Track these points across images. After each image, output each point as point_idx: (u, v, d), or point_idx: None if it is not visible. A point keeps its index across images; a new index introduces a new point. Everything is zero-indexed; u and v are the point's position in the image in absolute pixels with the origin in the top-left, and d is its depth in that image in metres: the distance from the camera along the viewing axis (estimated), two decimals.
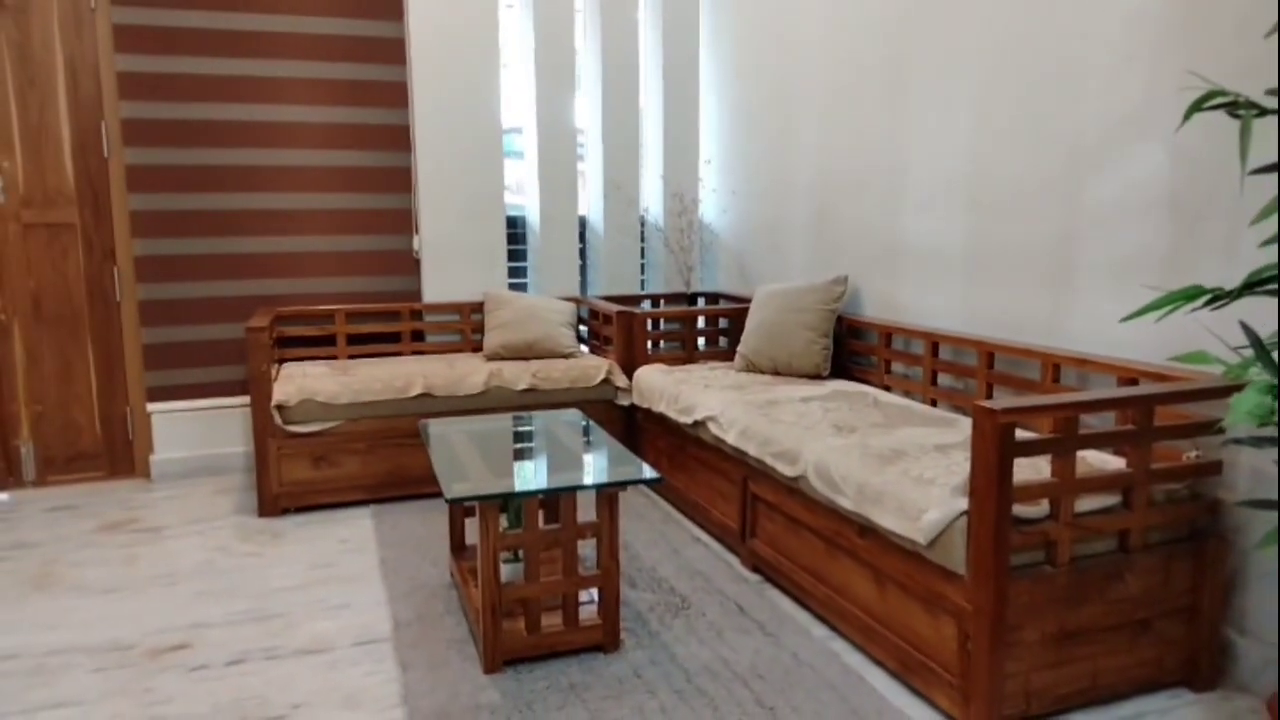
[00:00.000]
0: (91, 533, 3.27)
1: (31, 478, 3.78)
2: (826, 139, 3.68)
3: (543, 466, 2.44)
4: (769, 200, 4.10)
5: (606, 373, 3.72)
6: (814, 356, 3.37)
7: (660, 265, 4.57)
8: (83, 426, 3.83)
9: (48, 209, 3.67)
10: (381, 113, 4.03)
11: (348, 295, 4.10)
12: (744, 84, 4.26)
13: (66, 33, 3.62)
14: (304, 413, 3.40)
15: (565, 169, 4.34)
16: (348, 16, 3.92)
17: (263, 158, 3.89)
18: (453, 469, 2.33)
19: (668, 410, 3.31)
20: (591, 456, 2.52)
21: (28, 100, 3.60)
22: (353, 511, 3.47)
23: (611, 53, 4.33)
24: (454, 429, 2.79)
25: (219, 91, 3.80)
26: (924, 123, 3.12)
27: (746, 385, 3.27)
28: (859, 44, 3.42)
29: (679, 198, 4.45)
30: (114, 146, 3.72)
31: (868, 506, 2.16)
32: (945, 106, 3.01)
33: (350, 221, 4.06)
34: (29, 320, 3.70)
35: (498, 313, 3.98)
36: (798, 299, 3.45)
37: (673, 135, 4.49)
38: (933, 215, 3.09)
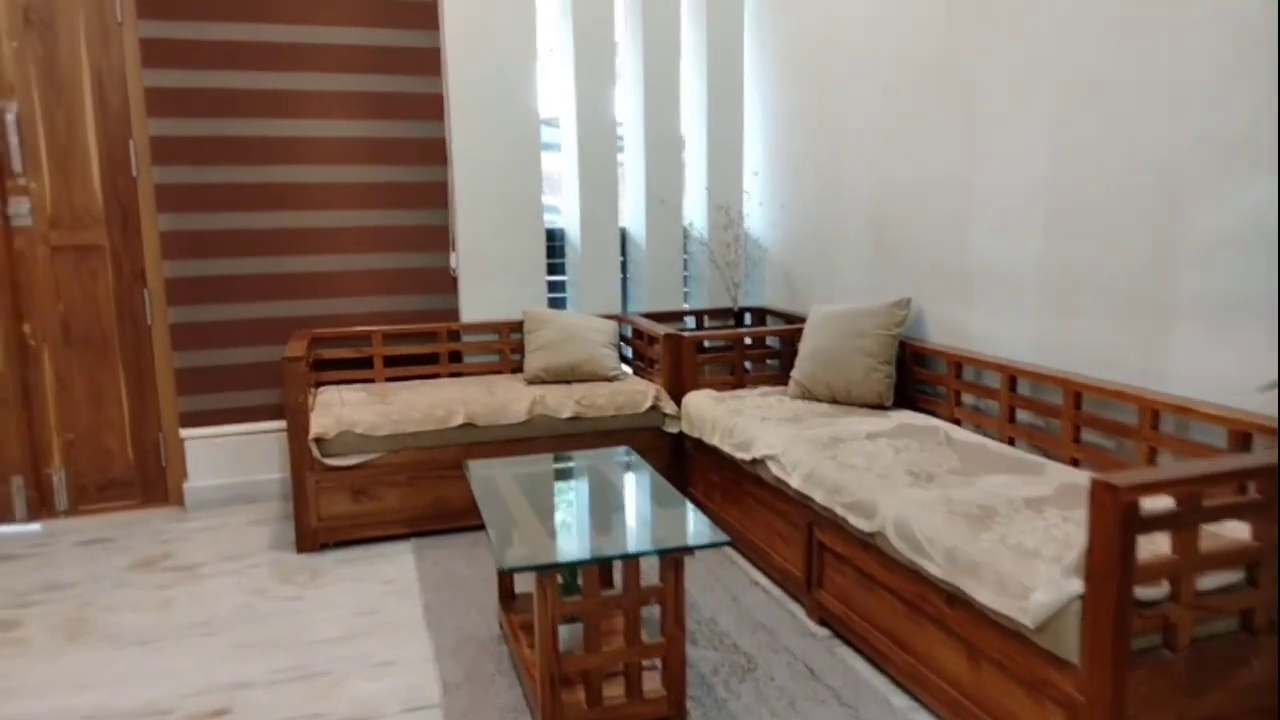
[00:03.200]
0: (125, 570, 3.16)
1: (64, 507, 3.68)
2: (882, 150, 3.48)
3: (601, 524, 2.28)
4: (820, 214, 3.90)
5: (654, 399, 3.56)
6: (875, 385, 3.19)
7: (704, 279, 4.39)
8: (115, 453, 3.73)
9: (76, 230, 3.56)
10: (416, 126, 3.88)
11: (384, 315, 3.96)
12: (791, 90, 4.06)
13: (93, 48, 3.49)
14: (343, 445, 3.27)
15: (606, 181, 4.16)
16: (381, 27, 3.76)
17: (295, 174, 3.75)
18: (504, 527, 2.18)
19: (721, 444, 3.14)
20: (652, 511, 2.36)
21: (55, 119, 3.48)
22: (393, 547, 3.34)
23: (653, 61, 4.14)
24: (501, 472, 2.64)
25: (248, 106, 3.66)
26: (994, 135, 2.92)
27: (804, 417, 3.10)
28: (918, 48, 3.22)
29: (724, 210, 4.27)
30: (142, 165, 3.59)
31: (960, 576, 1.99)
32: (1019, 118, 2.81)
33: (385, 239, 3.92)
34: (58, 345, 3.59)
35: (538, 333, 3.83)
36: (856, 323, 3.27)
37: (717, 145, 4.31)
38: (1005, 236, 2.90)
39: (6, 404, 3.55)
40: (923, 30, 3.20)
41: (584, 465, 2.76)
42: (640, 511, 2.38)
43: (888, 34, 3.39)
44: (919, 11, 3.22)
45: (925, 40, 3.20)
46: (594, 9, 4.02)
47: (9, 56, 3.40)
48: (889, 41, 3.39)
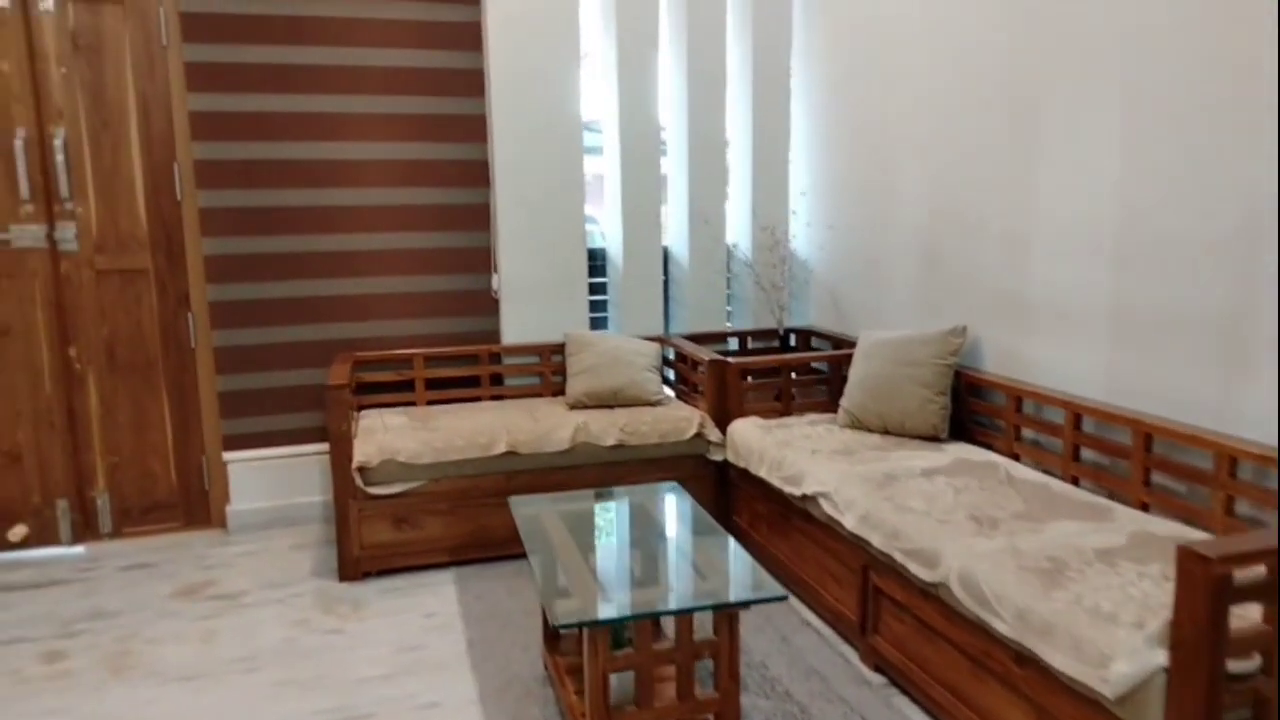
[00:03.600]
0: (168, 599, 3.15)
1: (108, 530, 3.69)
2: (936, 171, 3.38)
3: (652, 572, 2.22)
4: (869, 236, 3.81)
5: (698, 427, 3.49)
6: (930, 417, 3.09)
7: (748, 299, 4.31)
8: (158, 476, 3.73)
9: (121, 254, 3.56)
10: (459, 148, 3.84)
11: (425, 337, 3.93)
12: (840, 109, 3.97)
13: (139, 72, 3.49)
14: (385, 473, 3.23)
15: (649, 201, 4.10)
16: (424, 48, 3.73)
17: (337, 197, 3.73)
18: (553, 576, 2.12)
19: (770, 476, 3.06)
20: (705, 558, 2.29)
21: (101, 143, 3.49)
22: (435, 576, 3.30)
23: (698, 78, 4.07)
24: (545, 510, 2.59)
25: (291, 129, 3.64)
26: (1057, 160, 2.81)
27: (856, 449, 3.01)
28: (977, 69, 3.12)
29: (769, 231, 4.18)
30: (187, 189, 3.59)
31: (1031, 638, 1.90)
32: (1084, 143, 2.70)
33: (427, 261, 3.88)
34: (103, 369, 3.60)
35: (580, 356, 3.77)
36: (909, 351, 3.17)
37: (762, 164, 4.22)
38: (1069, 266, 2.79)
39: (52, 428, 3.56)
40: (983, 49, 3.10)
41: (630, 502, 2.70)
42: (692, 558, 2.31)
43: (944, 54, 3.29)
44: (979, 30, 3.12)
45: (985, 60, 3.09)
46: (638, 31, 3.95)
47: (58, 82, 3.41)
48: (946, 62, 3.29)
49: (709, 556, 2.31)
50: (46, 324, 3.51)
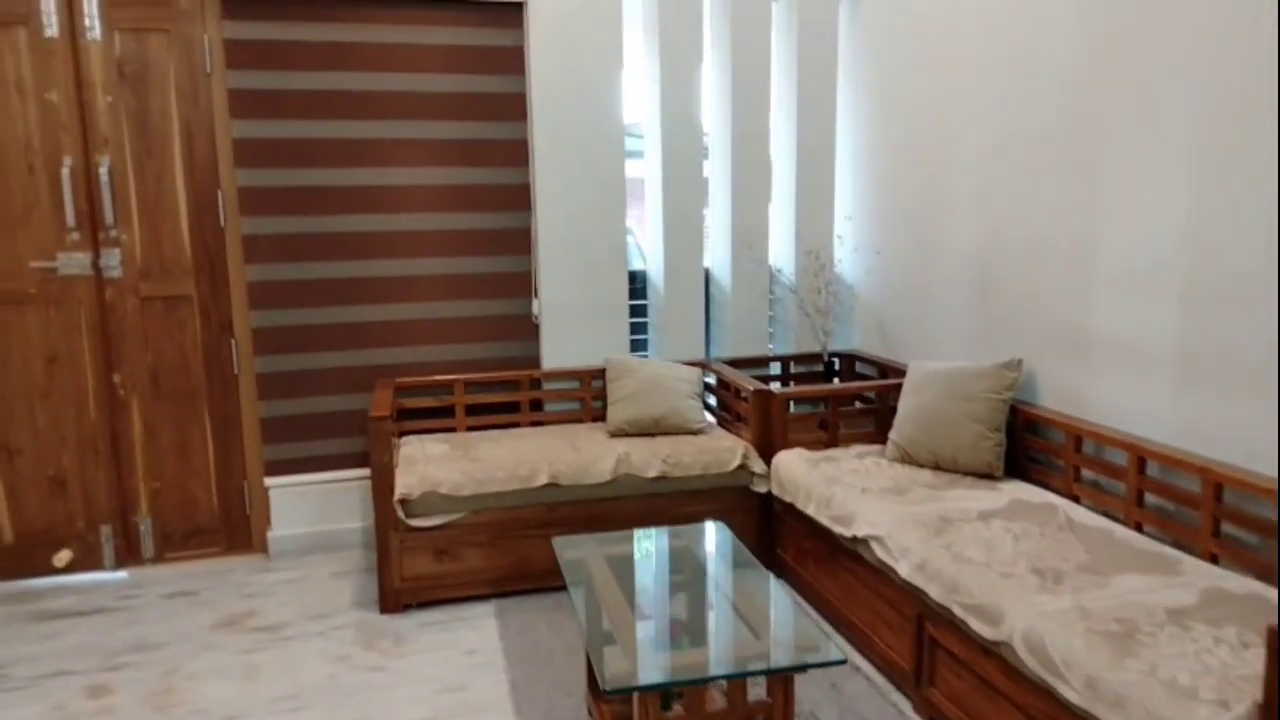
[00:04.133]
0: (210, 630, 3.14)
1: (150, 555, 3.70)
2: (989, 199, 3.29)
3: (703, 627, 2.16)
4: (919, 263, 3.72)
5: (742, 458, 3.42)
6: (984, 454, 3.00)
7: (790, 321, 4.23)
8: (200, 502, 3.73)
9: (165, 281, 3.57)
10: (500, 172, 3.81)
11: (465, 362, 3.90)
12: (888, 130, 3.89)
13: (183, 99, 3.49)
14: (427, 505, 3.21)
15: (690, 224, 4.04)
16: (467, 73, 3.70)
17: (380, 223, 3.71)
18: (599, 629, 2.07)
19: (818, 515, 2.99)
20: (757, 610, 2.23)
21: (146, 171, 3.49)
22: (475, 609, 3.27)
23: (741, 97, 4.00)
24: (590, 553, 2.54)
25: (334, 155, 3.63)
26: (1120, 190, 2.71)
27: (907, 487, 2.93)
28: (1033, 88, 3.02)
29: (814, 254, 4.10)
30: (230, 215, 3.59)
31: (1102, 708, 1.81)
32: (1152, 175, 2.60)
33: (468, 286, 3.85)
34: (147, 395, 3.61)
35: (621, 383, 3.72)
36: (963, 385, 3.08)
37: (806, 186, 4.14)
38: (1133, 301, 2.69)
39: (97, 454, 3.58)
40: (1042, 72, 3.01)
41: (678, 545, 2.64)
42: (745, 611, 2.25)
43: (999, 77, 3.20)
44: (1038, 52, 3.02)
45: (1044, 83, 3.00)
46: (682, 57, 3.90)
47: (103, 110, 3.42)
48: (1000, 85, 3.19)
49: (762, 609, 2.25)
50: (92, 350, 3.52)
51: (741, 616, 2.26)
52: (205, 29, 3.46)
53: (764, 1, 3.95)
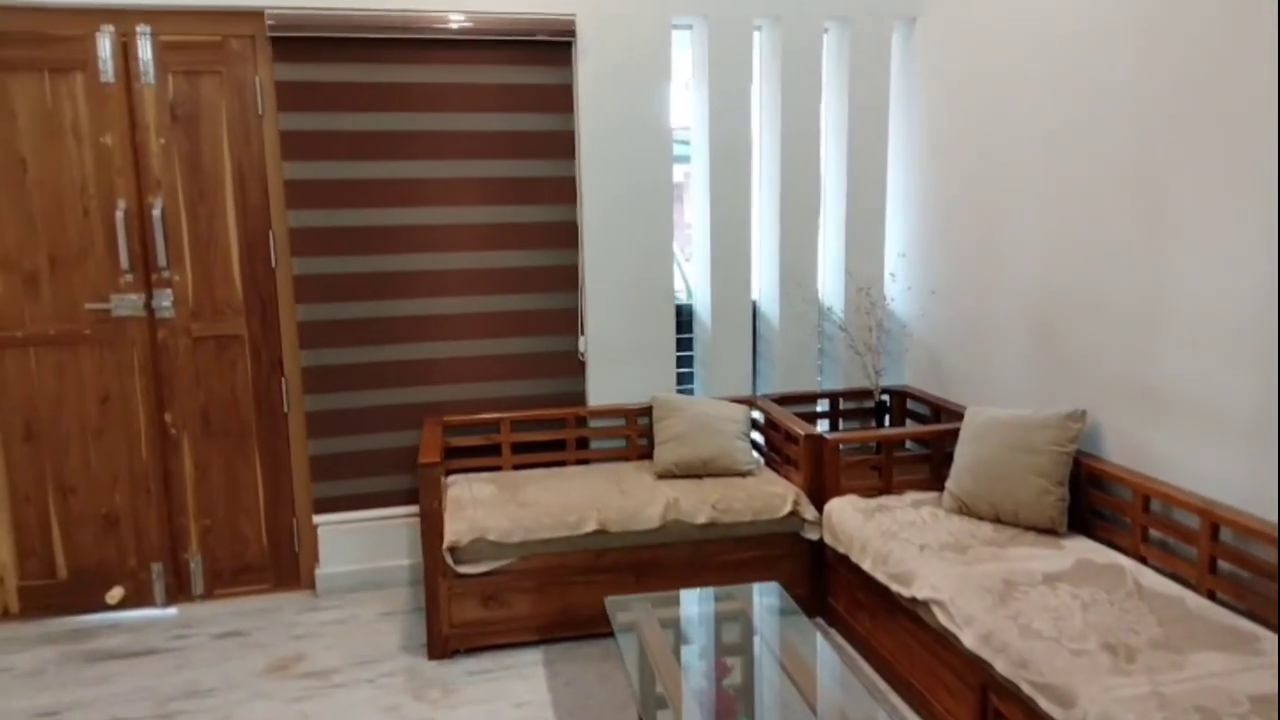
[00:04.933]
0: (260, 675, 3.14)
1: (200, 591, 3.72)
2: (1049, 242, 3.20)
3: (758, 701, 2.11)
4: (976, 305, 3.63)
5: (793, 504, 3.36)
6: (1047, 509, 2.92)
7: (839, 355, 4.16)
8: (250, 539, 3.75)
9: (216, 321, 3.59)
10: (548, 210, 3.79)
11: (511, 399, 3.88)
12: (942, 167, 3.80)
13: (235, 142, 3.51)
14: (475, 552, 3.19)
15: (738, 260, 3.98)
16: (515, 112, 3.68)
17: (427, 262, 3.71)
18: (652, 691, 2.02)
19: (874, 571, 2.92)
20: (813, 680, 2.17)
21: (198, 212, 3.52)
22: (523, 655, 3.24)
23: (790, 130, 3.94)
24: (645, 619, 2.50)
25: (382, 195, 3.63)
26: (1192, 243, 2.61)
27: (968, 543, 2.85)
28: (1096, 123, 2.93)
29: (865, 292, 4.03)
30: (281, 256, 3.60)
31: None
32: (1225, 228, 2.50)
33: (515, 323, 3.83)
34: (198, 433, 3.63)
35: (668, 422, 3.68)
36: (1025, 435, 3.00)
37: (856, 221, 4.06)
38: (1207, 358, 2.59)
39: (149, 493, 3.61)
40: (1107, 114, 2.91)
41: (730, 608, 2.59)
42: (798, 681, 2.19)
43: (1062, 117, 3.11)
44: (1103, 93, 2.93)
45: (1109, 125, 2.91)
46: (731, 95, 3.85)
47: (157, 153, 3.45)
48: (1063, 126, 3.11)
49: (817, 679, 2.19)
50: (144, 390, 3.55)
51: (796, 686, 2.20)
52: (257, 71, 3.47)
53: (815, 32, 3.89)
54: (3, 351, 3.44)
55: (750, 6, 3.80)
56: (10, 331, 3.43)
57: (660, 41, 3.73)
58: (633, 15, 3.68)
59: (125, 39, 3.37)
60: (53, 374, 3.48)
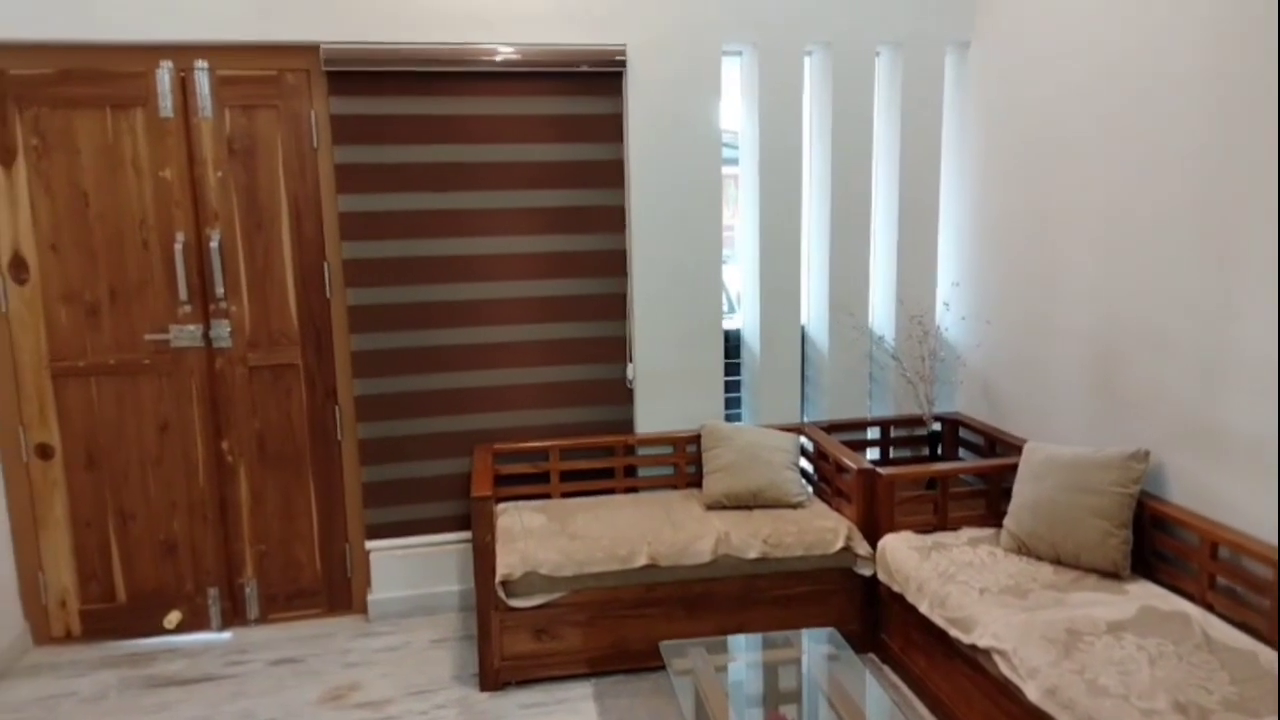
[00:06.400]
0: (316, 706, 3.18)
1: (255, 615, 3.78)
2: (1110, 276, 3.13)
3: None
4: (1032, 337, 3.57)
5: (845, 539, 3.33)
6: (1110, 552, 2.86)
7: (889, 382, 4.11)
8: (303, 564, 3.80)
9: (272, 351, 3.64)
10: (597, 238, 3.79)
11: (560, 427, 3.89)
12: (998, 193, 3.74)
13: (290, 174, 3.55)
14: (527, 585, 3.20)
15: (787, 283, 3.95)
16: (565, 142, 3.69)
17: (477, 291, 3.73)
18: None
19: (931, 613, 2.88)
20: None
21: (254, 244, 3.57)
22: (574, 689, 3.25)
23: (841, 154, 3.90)
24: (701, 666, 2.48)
25: (434, 226, 3.65)
26: (1262, 275, 2.54)
27: (1028, 587, 2.80)
28: (1157, 154, 2.86)
29: (917, 320, 3.98)
30: (335, 286, 3.64)
31: None
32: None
33: (564, 351, 3.84)
34: (254, 461, 3.69)
35: (717, 451, 3.67)
36: (1086, 476, 2.94)
37: (909, 249, 4.01)
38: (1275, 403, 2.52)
39: (205, 519, 3.66)
40: (1167, 138, 2.85)
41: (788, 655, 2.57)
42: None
43: (1125, 147, 3.04)
44: (1163, 114, 2.86)
45: (1177, 161, 2.84)
46: (780, 116, 3.82)
47: (214, 186, 3.50)
48: (1127, 157, 3.04)
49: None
50: (201, 419, 3.61)
51: None
52: (312, 105, 3.51)
53: (866, 58, 3.85)
54: (65, 381, 3.51)
55: (801, 33, 3.77)
56: (73, 361, 3.50)
57: (710, 69, 3.71)
58: (683, 43, 3.67)
59: (184, 74, 3.42)
60: (113, 403, 3.55)
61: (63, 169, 3.40)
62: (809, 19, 3.76)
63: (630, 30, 3.63)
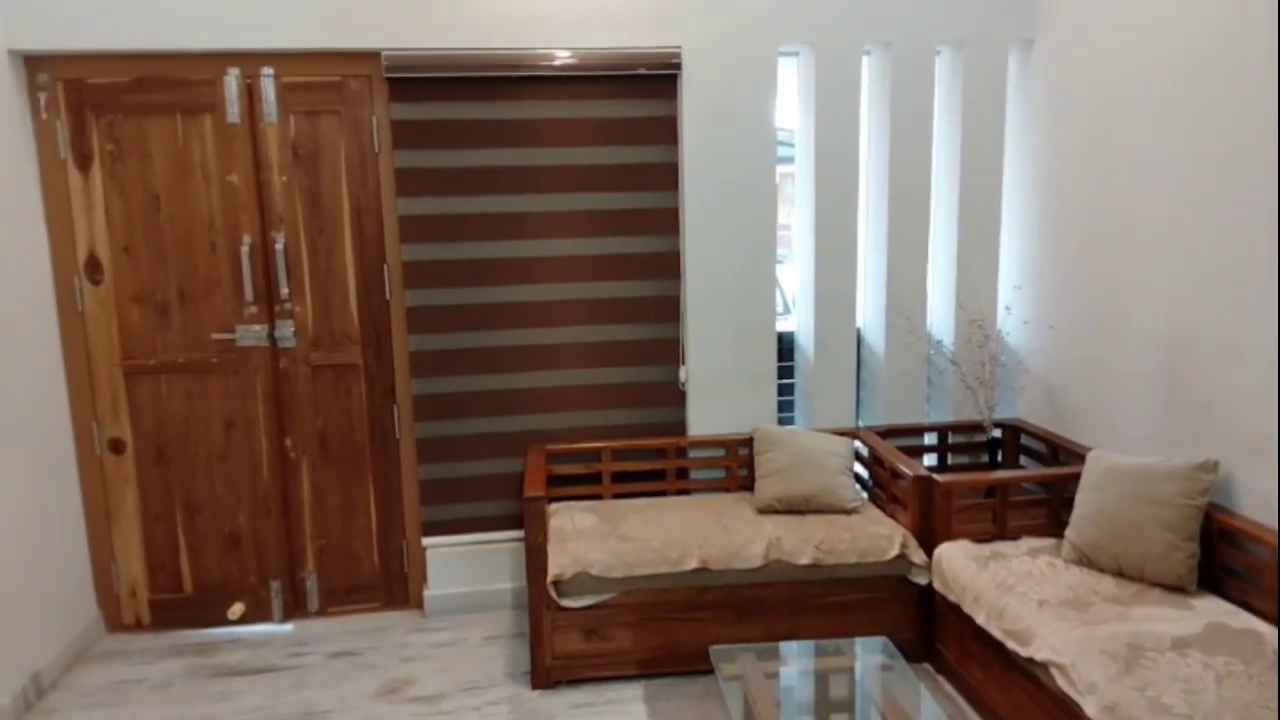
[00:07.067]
0: (373, 698, 3.25)
1: (315, 608, 3.87)
2: (1181, 284, 3.04)
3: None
4: (1098, 343, 3.48)
5: (900, 547, 3.28)
6: (1175, 567, 2.77)
7: (947, 386, 4.05)
8: (362, 559, 3.88)
9: (334, 351, 3.72)
10: (651, 241, 3.79)
11: (612, 428, 3.90)
12: (1063, 194, 3.65)
13: (353, 179, 3.63)
14: (578, 586, 3.22)
15: (843, 285, 3.91)
16: (620, 145, 3.70)
17: (532, 293, 3.76)
18: None
19: (989, 624, 2.82)
20: None
21: (318, 247, 3.65)
22: (623, 690, 3.26)
23: (899, 154, 3.84)
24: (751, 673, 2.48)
25: (491, 229, 3.70)
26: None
27: (1088, 599, 2.73)
28: (1236, 158, 2.76)
29: (978, 325, 3.90)
30: (395, 288, 3.71)
31: None
32: None
33: (616, 353, 3.86)
34: (316, 457, 3.78)
35: (769, 455, 3.65)
36: (1151, 486, 2.85)
37: (969, 251, 3.93)
38: None
39: (269, 514, 3.77)
40: (1241, 138, 2.75)
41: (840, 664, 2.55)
42: None
43: (1191, 139, 2.95)
44: (1237, 112, 2.76)
45: (1249, 156, 2.74)
46: (837, 116, 3.78)
47: (279, 190, 3.59)
48: (1202, 159, 2.94)
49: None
50: (266, 416, 3.71)
51: None
52: (373, 110, 3.58)
53: (927, 57, 3.78)
54: (137, 378, 3.64)
55: (859, 32, 3.73)
56: (144, 359, 3.63)
57: (766, 70, 3.69)
58: (739, 45, 3.66)
59: (250, 81, 3.52)
60: (182, 400, 3.67)
61: (135, 173, 3.52)
62: (868, 19, 3.72)
63: (686, 32, 3.63)
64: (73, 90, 3.46)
